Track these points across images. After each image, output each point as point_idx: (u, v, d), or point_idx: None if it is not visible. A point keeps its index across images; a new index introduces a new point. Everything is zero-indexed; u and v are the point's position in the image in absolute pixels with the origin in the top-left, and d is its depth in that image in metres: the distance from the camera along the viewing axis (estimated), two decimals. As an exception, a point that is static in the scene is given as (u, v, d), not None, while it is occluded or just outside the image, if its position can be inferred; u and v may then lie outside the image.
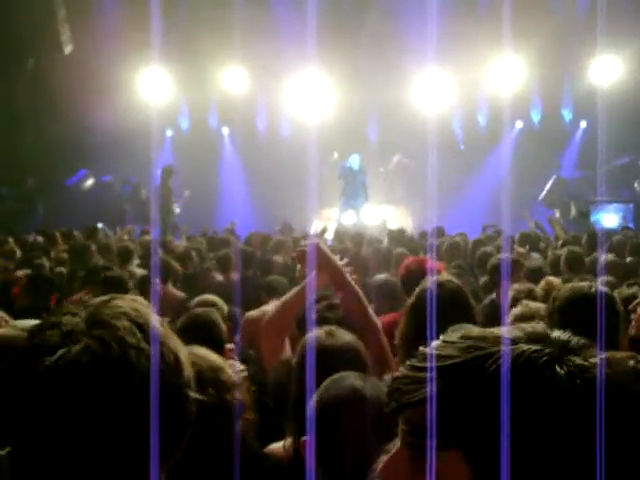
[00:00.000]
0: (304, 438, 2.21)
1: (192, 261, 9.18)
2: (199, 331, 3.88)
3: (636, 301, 3.99)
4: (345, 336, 2.92)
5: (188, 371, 1.33)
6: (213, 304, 4.94)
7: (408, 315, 3.47)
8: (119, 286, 5.94)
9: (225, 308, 5.12)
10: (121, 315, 1.27)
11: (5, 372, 1.25)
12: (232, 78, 19.56)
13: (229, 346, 3.90)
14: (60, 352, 1.20)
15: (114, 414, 1.20)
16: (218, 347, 3.86)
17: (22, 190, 18.70)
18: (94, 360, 1.20)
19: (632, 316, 3.77)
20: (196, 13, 18.37)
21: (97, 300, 1.32)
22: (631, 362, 1.28)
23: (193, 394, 1.32)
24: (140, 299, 1.36)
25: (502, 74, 18.58)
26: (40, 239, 10.98)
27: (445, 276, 3.88)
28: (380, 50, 18.07)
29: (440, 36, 15.58)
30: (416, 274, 4.83)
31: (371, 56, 18.09)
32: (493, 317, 5.22)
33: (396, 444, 1.09)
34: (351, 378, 2.32)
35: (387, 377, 2.70)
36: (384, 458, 1.09)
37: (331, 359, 2.65)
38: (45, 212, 17.85)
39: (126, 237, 11.89)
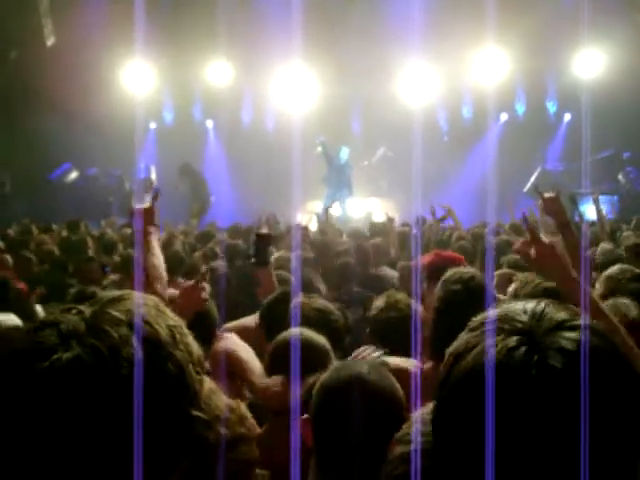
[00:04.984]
0: (305, 416, 2.19)
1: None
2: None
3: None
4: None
5: (194, 386, 1.25)
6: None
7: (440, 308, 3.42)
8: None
9: None
10: (122, 321, 1.20)
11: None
12: (217, 71, 19.50)
13: None
14: (52, 358, 1.16)
15: (100, 428, 1.15)
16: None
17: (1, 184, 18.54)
18: (84, 370, 1.16)
19: None
20: (181, 6, 18.29)
21: (105, 297, 1.26)
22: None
23: (196, 413, 1.24)
24: (155, 300, 1.29)
25: (486, 66, 18.61)
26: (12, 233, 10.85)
27: (472, 270, 3.78)
28: (365, 43, 18.05)
29: (424, 29, 15.56)
30: (440, 265, 4.78)
31: (356, 49, 18.06)
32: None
33: None
34: (360, 364, 2.28)
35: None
36: None
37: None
38: (28, 205, 17.70)
39: (109, 230, 11.81)
